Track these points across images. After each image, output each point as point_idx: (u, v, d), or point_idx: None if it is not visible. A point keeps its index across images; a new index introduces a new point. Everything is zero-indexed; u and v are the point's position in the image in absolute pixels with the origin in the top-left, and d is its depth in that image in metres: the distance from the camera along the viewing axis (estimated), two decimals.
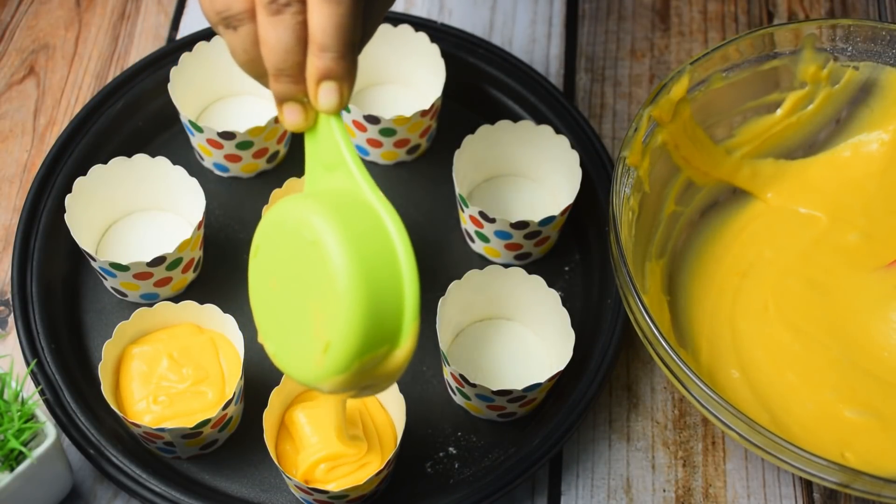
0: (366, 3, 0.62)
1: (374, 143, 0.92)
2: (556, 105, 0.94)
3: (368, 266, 0.60)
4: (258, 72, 0.64)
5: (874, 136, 0.90)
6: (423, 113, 0.90)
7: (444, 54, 0.92)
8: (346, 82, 0.62)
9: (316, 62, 0.61)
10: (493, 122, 0.89)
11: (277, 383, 0.78)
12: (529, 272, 0.82)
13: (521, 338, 0.86)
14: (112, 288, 0.86)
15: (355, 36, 0.61)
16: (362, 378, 0.62)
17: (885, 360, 0.81)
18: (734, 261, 0.87)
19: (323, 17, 0.60)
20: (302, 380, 0.64)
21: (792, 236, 0.88)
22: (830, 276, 0.86)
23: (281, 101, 0.64)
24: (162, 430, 0.76)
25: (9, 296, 0.88)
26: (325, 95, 0.62)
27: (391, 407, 0.79)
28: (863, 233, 0.87)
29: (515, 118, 0.93)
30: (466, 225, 0.89)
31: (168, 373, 0.80)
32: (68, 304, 0.86)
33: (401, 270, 0.61)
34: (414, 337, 0.61)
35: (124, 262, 0.82)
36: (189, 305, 0.81)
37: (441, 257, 0.90)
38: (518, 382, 0.82)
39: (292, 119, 0.64)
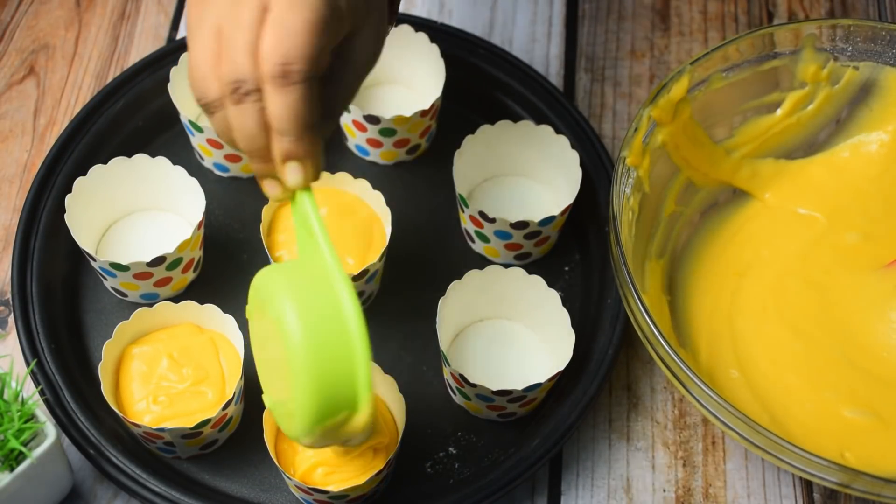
0: (325, 84, 0.66)
1: (374, 143, 0.92)
2: (556, 105, 0.94)
3: (320, 346, 0.64)
4: (240, 150, 0.68)
5: (874, 137, 0.90)
6: (423, 113, 0.90)
7: (444, 54, 0.92)
8: (308, 160, 0.66)
9: (277, 145, 0.66)
10: (493, 122, 0.89)
11: None
12: (529, 272, 0.82)
13: (521, 338, 0.86)
14: (112, 288, 0.86)
15: (311, 118, 0.65)
16: (331, 438, 0.68)
17: (885, 360, 0.81)
18: (733, 261, 0.87)
19: (277, 106, 0.64)
20: (288, 436, 0.70)
21: (791, 236, 0.88)
22: (829, 277, 0.86)
23: (260, 177, 0.68)
24: (162, 430, 0.76)
25: (9, 296, 0.88)
26: (290, 174, 0.67)
27: (391, 407, 0.79)
28: (862, 233, 0.87)
29: (515, 118, 0.93)
30: (466, 225, 0.89)
31: (168, 373, 0.80)
32: (68, 304, 0.86)
33: (353, 346, 0.65)
34: (369, 404, 0.66)
35: (124, 262, 0.82)
36: (189, 305, 0.81)
37: (441, 257, 0.90)
38: (518, 382, 0.82)
39: (272, 192, 0.69)
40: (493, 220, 0.85)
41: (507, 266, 0.83)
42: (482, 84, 0.96)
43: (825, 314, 0.84)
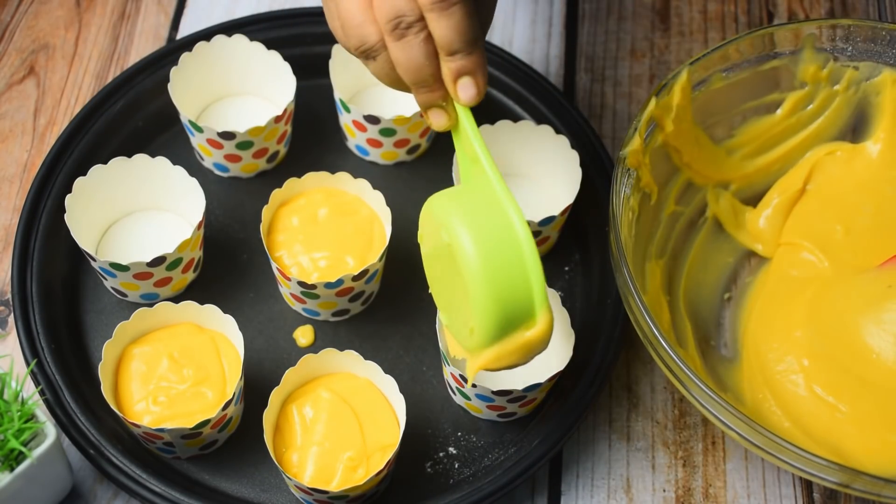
0: (474, 2, 0.70)
1: (374, 143, 0.92)
2: (556, 105, 0.94)
3: (496, 263, 0.68)
4: (403, 87, 0.73)
5: (872, 136, 0.90)
6: None
7: None
8: (479, 73, 0.70)
9: (449, 65, 0.70)
10: (493, 122, 0.89)
11: (277, 383, 0.78)
12: None
13: None
14: (112, 288, 0.86)
15: (475, 32, 0.69)
16: (505, 354, 0.70)
17: (873, 362, 0.80)
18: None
19: (443, 28, 0.68)
20: (464, 347, 0.73)
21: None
22: (821, 276, 0.86)
23: (425, 108, 0.73)
24: (162, 430, 0.76)
25: (9, 296, 0.88)
26: (463, 91, 0.71)
27: (391, 407, 0.79)
28: (857, 232, 0.87)
29: (515, 118, 0.93)
30: None
31: (168, 373, 0.80)
32: (68, 304, 0.86)
33: (526, 264, 0.68)
34: (546, 320, 0.69)
35: (124, 263, 0.82)
36: (189, 305, 0.81)
37: None
38: (518, 382, 0.82)
39: (438, 121, 0.73)
40: None
41: None
42: None
43: (818, 314, 0.83)
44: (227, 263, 0.89)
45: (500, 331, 0.69)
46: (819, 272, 0.86)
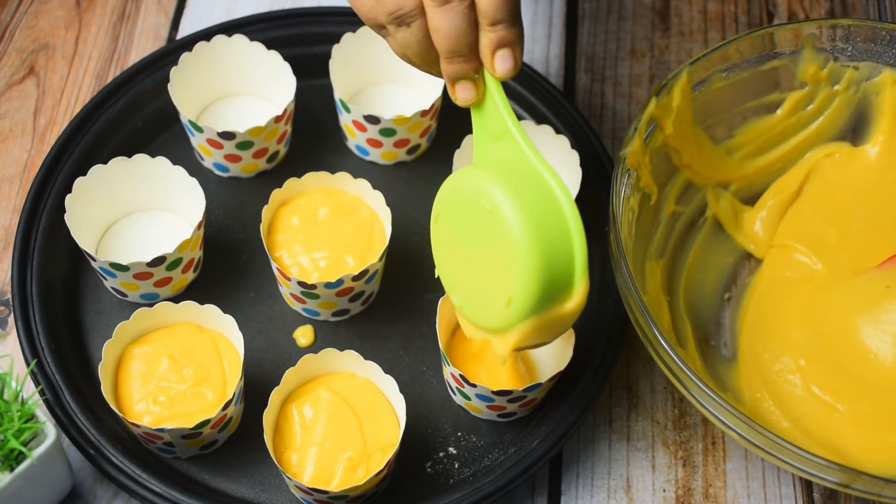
0: None
1: (374, 143, 0.92)
2: (556, 105, 0.94)
3: (542, 230, 0.68)
4: (428, 59, 0.72)
5: (871, 140, 0.90)
6: (423, 113, 0.90)
7: None
8: (517, 46, 0.70)
9: (490, 35, 0.69)
10: None
11: (277, 383, 0.78)
12: None
13: None
14: (112, 288, 0.86)
15: (517, 4, 0.69)
16: (538, 327, 0.70)
17: (871, 363, 0.80)
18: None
19: None
20: (487, 327, 0.72)
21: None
22: (820, 277, 0.86)
23: (454, 80, 0.72)
24: (161, 430, 0.76)
25: (9, 296, 0.88)
26: (501, 62, 0.70)
27: (391, 407, 0.79)
28: (852, 235, 0.87)
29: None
30: None
31: (168, 373, 0.80)
32: (68, 304, 0.86)
33: (570, 232, 0.68)
34: (584, 291, 0.69)
35: (124, 262, 0.82)
36: (189, 305, 0.81)
37: None
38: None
39: (465, 95, 0.72)
40: None
41: None
42: None
43: (815, 314, 0.83)
44: (227, 263, 0.89)
45: (541, 301, 0.68)
46: (813, 274, 0.86)
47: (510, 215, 0.68)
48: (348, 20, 0.97)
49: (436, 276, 0.77)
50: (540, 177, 0.69)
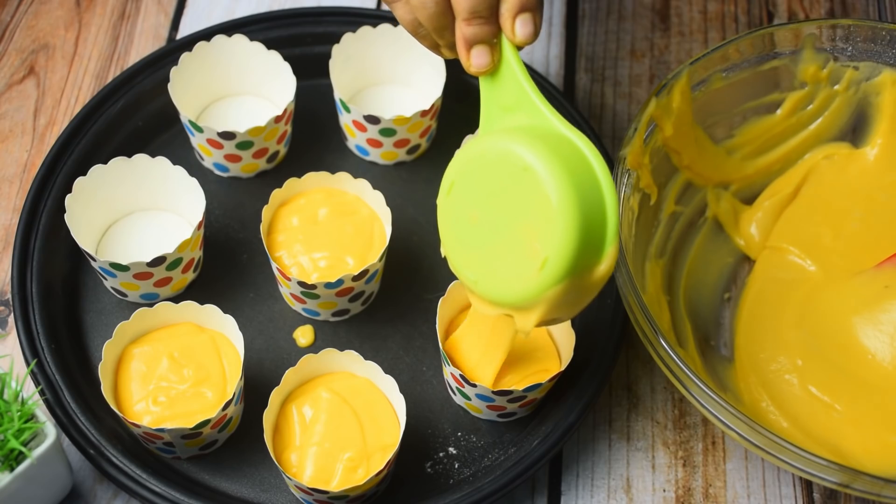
0: None
1: (374, 143, 0.92)
2: (555, 105, 0.93)
3: (578, 188, 0.66)
4: (441, 24, 0.70)
5: (869, 141, 0.90)
6: (423, 113, 0.90)
7: None
8: (538, 12, 0.69)
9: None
10: None
11: (277, 383, 0.78)
12: None
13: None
14: (112, 288, 0.86)
15: None
16: (567, 294, 0.68)
17: (869, 363, 0.80)
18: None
19: None
20: (510, 299, 0.69)
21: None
22: (818, 277, 0.86)
23: (470, 44, 0.70)
24: (161, 430, 0.76)
25: (9, 296, 0.88)
26: (521, 26, 0.69)
27: (392, 407, 0.79)
28: (846, 237, 0.87)
29: None
30: None
31: (168, 373, 0.80)
32: (68, 304, 0.86)
33: (603, 191, 0.67)
34: (615, 254, 0.68)
35: (124, 262, 0.82)
36: (189, 305, 0.81)
37: (441, 257, 0.90)
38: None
39: (480, 61, 0.71)
40: None
41: None
42: None
43: (814, 314, 0.83)
44: (227, 263, 0.89)
45: (578, 260, 0.66)
46: (807, 275, 0.86)
47: (548, 171, 0.66)
48: (348, 20, 0.97)
49: (442, 256, 0.74)
50: (567, 139, 0.68)
